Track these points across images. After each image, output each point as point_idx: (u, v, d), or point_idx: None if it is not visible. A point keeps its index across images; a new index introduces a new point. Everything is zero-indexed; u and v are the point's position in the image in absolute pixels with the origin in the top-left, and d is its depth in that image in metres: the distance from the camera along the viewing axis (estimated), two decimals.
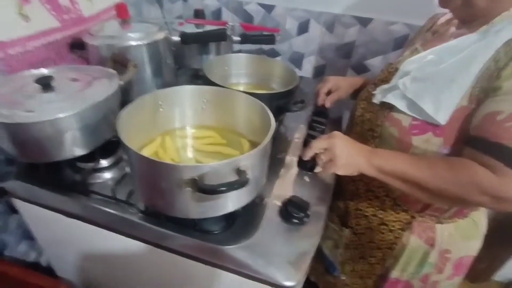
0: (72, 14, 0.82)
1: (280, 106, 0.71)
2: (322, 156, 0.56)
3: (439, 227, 0.63)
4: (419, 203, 0.61)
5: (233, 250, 0.51)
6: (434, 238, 0.63)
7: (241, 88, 0.87)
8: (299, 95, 0.80)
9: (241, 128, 0.65)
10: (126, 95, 0.69)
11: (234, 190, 0.42)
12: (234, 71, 0.90)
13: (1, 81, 0.63)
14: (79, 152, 0.59)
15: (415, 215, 0.63)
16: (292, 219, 0.56)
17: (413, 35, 0.96)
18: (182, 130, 0.67)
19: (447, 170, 0.49)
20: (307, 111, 0.82)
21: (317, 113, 0.84)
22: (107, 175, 0.64)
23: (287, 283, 0.48)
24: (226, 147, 0.63)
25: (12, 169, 0.65)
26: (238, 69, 0.90)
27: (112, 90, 0.60)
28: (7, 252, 0.80)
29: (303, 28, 1.10)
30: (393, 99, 0.57)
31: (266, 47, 1.18)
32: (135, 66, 0.69)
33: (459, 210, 0.61)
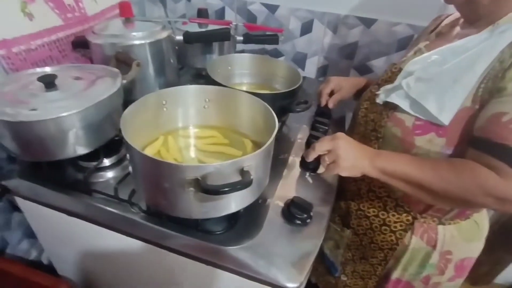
0: (76, 13, 0.82)
1: (283, 107, 0.71)
2: (325, 158, 0.56)
3: (441, 228, 0.63)
4: (421, 204, 0.61)
5: (235, 250, 0.51)
6: (436, 239, 0.63)
7: (244, 88, 0.87)
8: (302, 95, 0.80)
9: (244, 128, 0.65)
10: (129, 94, 0.69)
11: (237, 191, 0.41)
12: (237, 71, 0.90)
13: (4, 79, 0.63)
14: (82, 150, 0.59)
15: (417, 216, 0.63)
16: (294, 220, 0.55)
17: (417, 36, 0.97)
18: (185, 129, 0.67)
19: (450, 172, 0.49)
20: (310, 112, 0.82)
21: (319, 113, 0.84)
22: (110, 174, 0.64)
23: (289, 285, 0.48)
24: (228, 147, 0.63)
25: (14, 167, 0.65)
26: (241, 69, 0.90)
27: (115, 88, 0.60)
28: (8, 250, 0.80)
29: (306, 28, 1.09)
30: (396, 99, 0.57)
31: (269, 47, 1.18)
32: (138, 65, 0.69)
33: (461, 211, 0.61)
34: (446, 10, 0.64)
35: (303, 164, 0.68)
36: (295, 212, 0.55)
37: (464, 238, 0.64)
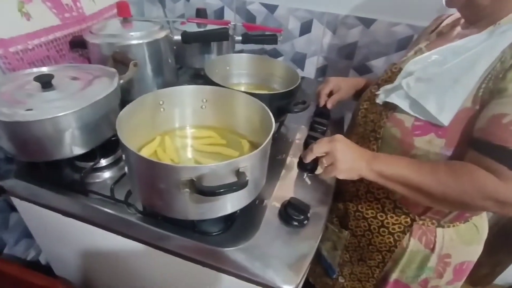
0: (73, 12, 0.82)
1: (281, 107, 0.71)
2: (323, 160, 0.56)
3: (439, 231, 0.62)
4: (420, 206, 0.61)
5: (231, 252, 0.51)
6: (434, 242, 0.62)
7: (242, 88, 0.87)
8: (301, 95, 0.79)
9: (241, 129, 0.65)
10: (126, 94, 0.69)
11: (232, 192, 0.41)
12: (235, 71, 0.90)
13: (1, 79, 0.63)
14: (78, 150, 0.58)
15: (416, 218, 0.62)
16: (291, 222, 0.55)
17: (415, 36, 0.96)
18: (182, 130, 0.66)
19: (449, 175, 0.48)
20: (309, 112, 0.81)
21: (318, 114, 0.83)
22: (106, 174, 0.64)
23: (286, 286, 0.48)
24: (226, 147, 0.62)
25: (11, 167, 0.65)
26: (239, 69, 0.90)
27: (112, 89, 0.60)
28: (6, 251, 0.80)
29: (305, 28, 1.09)
30: (396, 99, 0.57)
31: (268, 47, 1.18)
32: (135, 65, 0.69)
33: (460, 214, 0.61)
34: (446, 10, 0.63)
35: (301, 164, 0.67)
36: (292, 213, 0.55)
37: (463, 241, 0.63)
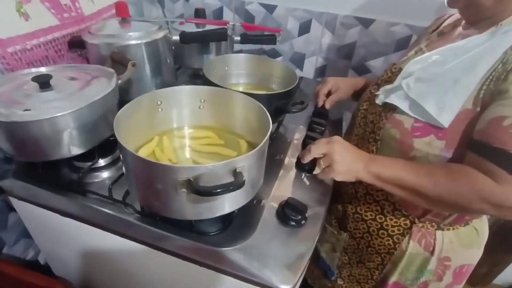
0: (72, 13, 0.82)
1: (279, 107, 0.71)
2: (321, 161, 0.56)
3: (439, 234, 0.61)
4: (419, 208, 0.60)
5: (229, 252, 0.51)
6: (434, 245, 0.61)
7: (240, 89, 0.87)
8: (300, 96, 0.79)
9: (239, 129, 0.65)
10: (125, 94, 0.69)
11: (229, 192, 0.41)
12: (234, 71, 0.89)
13: None
14: (76, 151, 0.58)
15: (415, 220, 0.62)
16: (289, 222, 0.55)
17: (414, 36, 0.96)
18: (180, 130, 0.66)
19: (446, 177, 0.48)
20: (307, 112, 0.81)
21: (316, 114, 0.83)
22: (105, 174, 0.64)
23: (283, 286, 0.48)
24: (224, 147, 0.62)
25: (9, 167, 0.65)
26: (238, 69, 0.90)
27: (110, 89, 0.60)
28: (5, 251, 0.80)
29: (304, 28, 1.09)
30: (396, 100, 0.56)
31: (267, 47, 1.18)
32: (133, 65, 0.69)
33: (460, 216, 0.60)
34: (445, 10, 0.63)
35: (299, 165, 0.67)
36: (289, 213, 0.55)
37: (463, 245, 0.62)
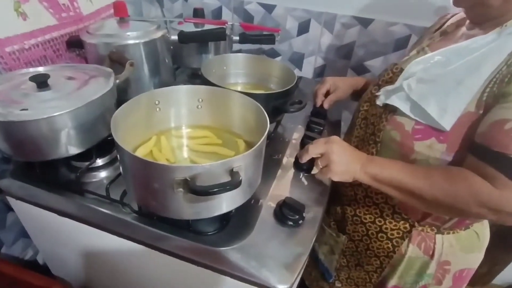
0: (70, 12, 0.82)
1: (277, 107, 0.71)
2: (318, 161, 0.56)
3: (439, 238, 0.61)
4: (419, 211, 0.59)
5: (226, 252, 0.51)
6: (434, 249, 0.61)
7: (239, 88, 0.87)
8: (299, 95, 0.79)
9: (237, 128, 0.65)
10: (123, 94, 0.69)
11: (226, 192, 0.41)
12: (232, 71, 0.89)
13: None
14: (74, 150, 0.58)
15: (415, 224, 0.61)
16: (286, 221, 0.55)
17: (413, 36, 0.96)
18: (178, 129, 0.66)
19: (444, 180, 0.47)
20: (305, 112, 0.81)
21: (315, 114, 0.83)
22: (102, 174, 0.64)
23: (280, 286, 0.48)
24: (221, 147, 0.62)
25: (7, 167, 0.65)
26: (236, 69, 0.89)
27: (107, 88, 0.60)
28: (3, 250, 0.80)
29: (303, 28, 1.09)
30: (397, 101, 0.55)
31: (266, 47, 1.18)
32: (131, 65, 0.69)
33: (460, 220, 0.59)
34: (445, 10, 0.63)
35: (297, 164, 0.67)
36: (287, 213, 0.55)
37: (463, 249, 0.62)
